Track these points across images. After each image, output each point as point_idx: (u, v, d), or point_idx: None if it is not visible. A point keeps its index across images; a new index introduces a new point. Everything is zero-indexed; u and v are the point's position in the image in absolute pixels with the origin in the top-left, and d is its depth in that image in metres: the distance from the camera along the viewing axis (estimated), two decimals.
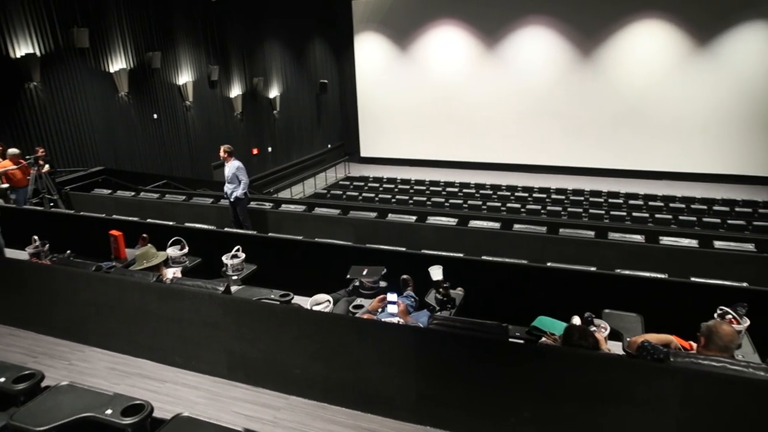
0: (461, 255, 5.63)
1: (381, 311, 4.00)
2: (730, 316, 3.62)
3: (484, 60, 18.10)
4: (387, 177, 15.96)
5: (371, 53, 19.55)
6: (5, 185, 8.33)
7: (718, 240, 6.81)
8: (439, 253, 5.54)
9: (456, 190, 14.27)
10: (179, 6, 12.88)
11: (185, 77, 13.25)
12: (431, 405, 3.47)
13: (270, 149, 16.99)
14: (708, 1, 15.24)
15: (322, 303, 4.02)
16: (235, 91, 15.18)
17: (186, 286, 4.13)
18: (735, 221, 10.70)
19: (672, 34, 15.81)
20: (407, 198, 13.21)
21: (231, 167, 8.16)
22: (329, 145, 20.40)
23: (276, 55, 16.87)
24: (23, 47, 9.46)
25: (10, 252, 6.07)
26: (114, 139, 11.36)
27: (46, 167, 8.56)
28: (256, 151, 16.23)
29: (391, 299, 3.91)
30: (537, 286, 5.30)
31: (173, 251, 5.28)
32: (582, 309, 3.76)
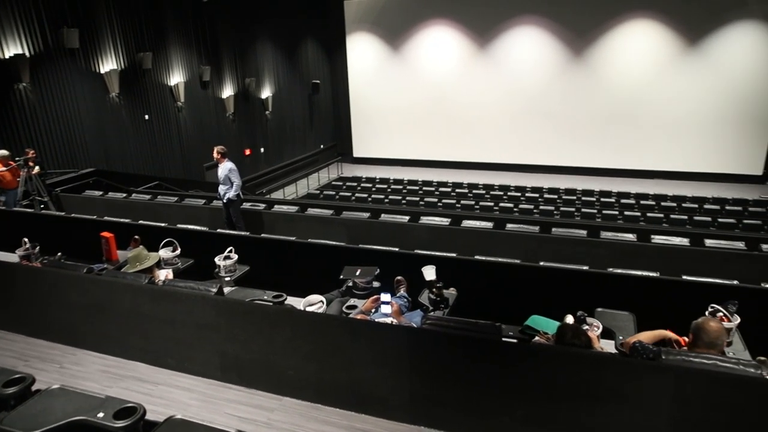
0: (454, 255, 5.63)
1: (374, 311, 3.99)
2: (721, 313, 3.65)
3: (476, 60, 18.15)
4: (380, 177, 15.97)
5: (363, 53, 19.55)
6: None
7: (709, 238, 6.86)
8: (432, 253, 5.54)
9: (449, 190, 14.29)
10: (170, 6, 12.82)
11: (177, 78, 13.19)
12: (425, 405, 3.48)
13: (262, 150, 16.95)
14: (698, 1, 15.35)
15: (315, 304, 4.01)
16: (227, 92, 15.12)
17: (178, 287, 4.11)
18: (725, 219, 10.78)
19: (663, 33, 15.92)
20: (400, 198, 13.22)
21: (224, 168, 8.13)
22: (322, 146, 20.37)
23: (268, 56, 16.83)
24: (12, 47, 9.39)
25: (0, 255, 6.02)
26: (105, 141, 11.29)
27: (36, 169, 8.48)
28: (248, 152, 16.19)
29: (385, 299, 3.91)
30: (530, 285, 5.32)
31: (165, 253, 5.26)
32: (575, 308, 3.78)
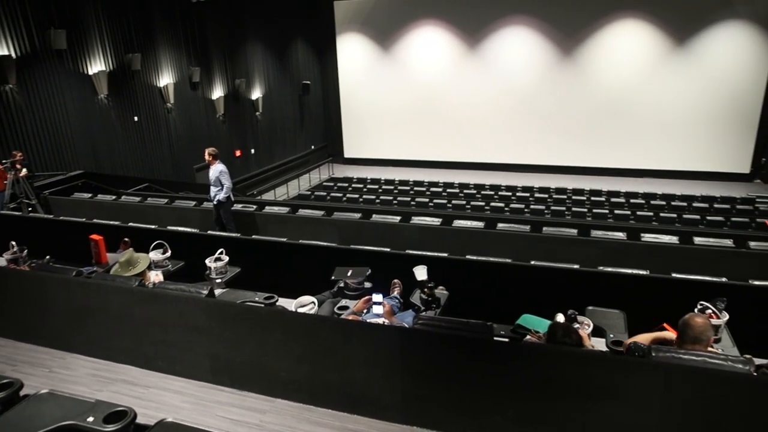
0: (446, 255, 5.65)
1: (366, 312, 3.99)
2: (709, 311, 3.69)
3: (466, 60, 18.20)
4: (371, 178, 15.97)
5: (354, 54, 19.54)
6: None
7: (697, 236, 6.92)
8: (424, 253, 5.55)
9: (440, 189, 14.32)
10: (159, 7, 12.74)
11: (166, 79, 13.11)
12: (417, 405, 3.48)
13: (253, 151, 16.88)
14: (685, 2, 15.48)
15: (306, 305, 4.00)
16: (217, 93, 15.06)
17: (169, 290, 4.09)
18: (714, 217, 10.89)
19: (651, 33, 16.05)
20: (391, 198, 13.22)
21: (215, 170, 8.13)
22: (313, 147, 20.33)
23: (258, 57, 16.78)
24: None
25: None
26: (94, 142, 11.20)
27: (23, 171, 8.41)
28: (239, 153, 16.12)
29: (376, 300, 3.91)
30: (521, 284, 5.34)
31: (155, 255, 5.22)
32: (565, 306, 3.80)
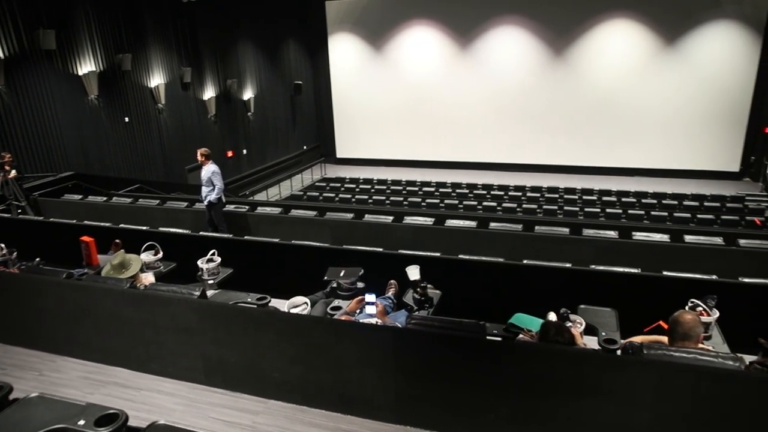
0: (438, 254, 5.66)
1: (359, 312, 3.99)
2: (700, 308, 3.71)
3: (458, 60, 18.23)
4: (363, 178, 15.96)
5: (345, 54, 19.52)
6: None
7: (688, 234, 6.96)
8: (417, 253, 5.55)
9: (432, 189, 14.34)
10: (149, 7, 12.67)
11: (157, 79, 13.04)
12: (411, 404, 3.48)
13: (245, 151, 16.83)
14: (675, 1, 15.59)
15: (299, 305, 4.00)
16: (209, 93, 14.99)
17: (161, 291, 4.06)
18: (704, 215, 10.96)
19: (641, 33, 16.15)
20: (384, 198, 13.22)
21: (207, 171, 8.13)
22: (305, 147, 20.29)
23: (249, 57, 16.72)
24: None
25: None
26: (84, 143, 11.12)
27: (12, 173, 8.33)
28: (231, 154, 16.07)
29: (369, 300, 3.91)
30: (513, 283, 5.35)
31: (147, 256, 5.20)
32: (558, 305, 3.81)
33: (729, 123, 16.01)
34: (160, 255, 5.28)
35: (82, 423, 2.34)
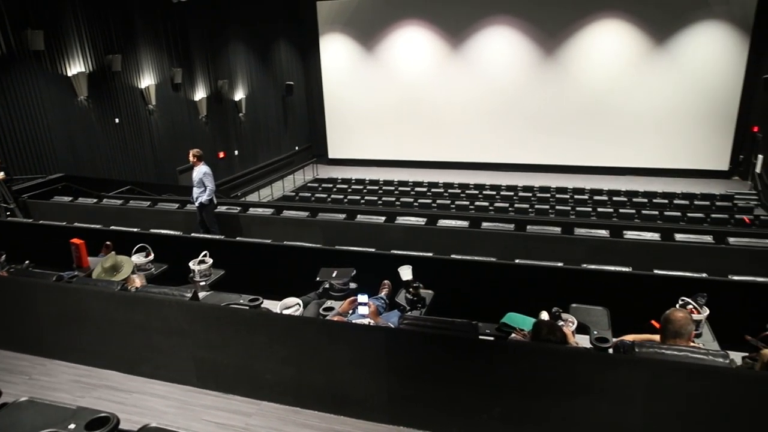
0: (431, 254, 5.66)
1: (351, 313, 3.99)
2: (690, 306, 3.74)
3: (449, 60, 18.26)
4: (355, 178, 15.95)
5: (337, 54, 19.50)
6: None
7: (678, 233, 7.01)
8: (409, 253, 5.56)
9: (424, 189, 14.35)
10: (139, 7, 12.59)
11: (147, 80, 12.97)
12: (403, 405, 3.48)
13: (236, 152, 16.77)
14: (664, 2, 15.71)
15: (291, 307, 3.99)
16: (200, 94, 14.93)
17: (152, 293, 4.04)
18: (694, 214, 11.06)
19: (631, 33, 16.24)
20: (376, 199, 13.22)
21: (198, 172, 8.09)
22: (297, 147, 20.25)
23: (240, 57, 16.66)
24: None
25: None
26: (74, 145, 11.03)
27: (1, 175, 8.25)
28: (222, 155, 16.00)
29: (362, 301, 3.91)
30: (505, 283, 5.37)
31: (138, 258, 5.17)
32: (550, 304, 3.82)
33: (718, 122, 16.15)
34: (151, 257, 5.25)
35: (72, 427, 2.33)
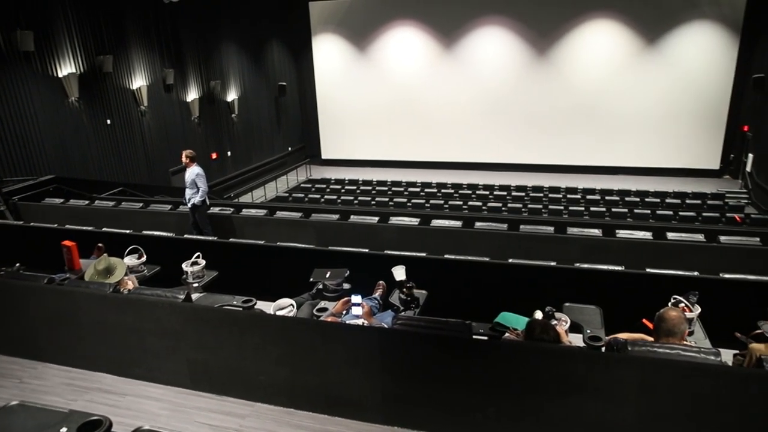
0: (424, 254, 5.67)
1: (345, 313, 3.98)
2: (682, 304, 3.76)
3: (442, 60, 18.29)
4: (349, 179, 15.95)
5: (329, 55, 19.49)
6: None
7: (670, 232, 7.06)
8: (402, 253, 5.56)
9: (418, 189, 14.37)
10: (131, 8, 12.53)
11: (139, 81, 12.90)
12: (397, 405, 3.48)
13: (229, 153, 16.72)
14: (654, 2, 15.80)
15: (285, 308, 3.98)
16: (192, 95, 14.87)
17: (145, 295, 4.02)
18: (686, 213, 11.13)
19: (622, 33, 16.34)
20: (369, 199, 13.21)
21: (191, 173, 8.06)
22: (290, 148, 20.22)
23: (233, 58, 16.62)
24: None
25: None
26: (65, 147, 10.96)
27: None
28: (215, 156, 15.95)
29: (355, 301, 3.90)
30: (499, 282, 5.38)
31: (131, 260, 5.14)
32: (543, 303, 3.84)
33: (709, 121, 16.27)
34: (143, 258, 5.23)
35: (64, 430, 2.31)
